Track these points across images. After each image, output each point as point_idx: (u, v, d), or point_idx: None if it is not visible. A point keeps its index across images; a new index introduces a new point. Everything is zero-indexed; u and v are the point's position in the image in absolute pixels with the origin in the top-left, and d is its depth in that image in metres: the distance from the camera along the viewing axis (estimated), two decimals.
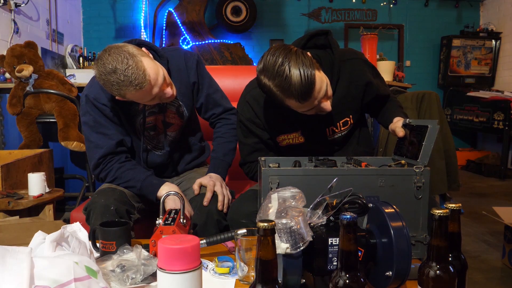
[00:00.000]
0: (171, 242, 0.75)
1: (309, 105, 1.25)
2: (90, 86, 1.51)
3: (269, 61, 1.22)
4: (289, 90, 1.19)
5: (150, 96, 1.33)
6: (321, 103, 1.27)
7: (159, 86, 1.32)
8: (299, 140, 1.47)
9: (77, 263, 0.78)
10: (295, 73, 1.17)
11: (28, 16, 3.83)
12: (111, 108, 1.48)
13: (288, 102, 1.24)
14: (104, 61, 1.25)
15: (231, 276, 1.04)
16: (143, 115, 1.51)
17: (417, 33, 5.78)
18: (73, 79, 3.66)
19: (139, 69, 1.26)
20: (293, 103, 1.24)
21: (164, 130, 1.56)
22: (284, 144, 1.48)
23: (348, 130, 1.49)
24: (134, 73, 1.25)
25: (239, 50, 5.02)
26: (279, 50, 1.22)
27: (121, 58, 1.24)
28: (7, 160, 2.30)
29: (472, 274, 2.11)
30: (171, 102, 1.54)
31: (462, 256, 0.84)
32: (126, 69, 1.24)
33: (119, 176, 1.46)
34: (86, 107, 1.49)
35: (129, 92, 1.28)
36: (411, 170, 1.13)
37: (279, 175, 1.12)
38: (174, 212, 1.20)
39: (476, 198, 3.78)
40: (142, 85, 1.27)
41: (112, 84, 1.27)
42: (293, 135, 1.47)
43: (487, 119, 4.80)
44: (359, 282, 0.70)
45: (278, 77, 1.19)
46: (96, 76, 1.30)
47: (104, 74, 1.26)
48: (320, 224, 0.88)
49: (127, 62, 1.24)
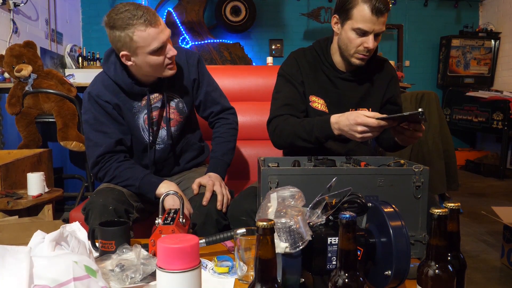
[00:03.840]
0: (170, 242, 0.75)
1: (373, 23, 1.38)
2: (93, 84, 1.53)
3: None
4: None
5: (158, 41, 1.36)
6: (374, 37, 1.41)
7: (167, 35, 1.38)
8: (325, 109, 1.54)
9: (76, 262, 0.78)
10: None
11: (27, 15, 3.83)
12: (114, 105, 1.50)
13: (361, 7, 1.37)
14: (117, 6, 1.36)
15: (230, 275, 1.04)
16: (148, 110, 1.52)
17: (416, 33, 5.79)
18: (72, 79, 3.66)
19: (150, 10, 1.36)
20: (365, 10, 1.37)
21: (166, 125, 1.57)
22: (314, 106, 1.55)
23: None
24: (146, 11, 1.34)
25: (239, 50, 5.02)
26: None
27: (133, 5, 1.35)
28: (6, 160, 2.30)
29: (471, 274, 2.11)
30: (171, 97, 1.56)
31: (461, 255, 0.84)
32: (139, 7, 1.34)
33: (118, 175, 1.46)
34: (88, 105, 1.50)
35: (138, 30, 1.32)
36: (410, 170, 1.13)
37: (279, 175, 1.12)
38: (174, 212, 1.20)
39: (475, 198, 3.78)
40: (152, 21, 1.33)
41: (122, 20, 1.32)
42: (322, 102, 1.54)
43: (486, 119, 4.80)
44: (358, 282, 0.70)
45: None
46: (105, 22, 1.36)
47: (115, 14, 1.33)
48: (319, 223, 0.88)
49: (139, 5, 1.36)
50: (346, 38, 1.45)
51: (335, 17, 1.49)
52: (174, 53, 1.42)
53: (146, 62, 1.39)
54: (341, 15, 1.45)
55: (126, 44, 1.35)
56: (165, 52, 1.40)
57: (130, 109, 1.52)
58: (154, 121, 1.55)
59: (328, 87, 1.54)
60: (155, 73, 1.45)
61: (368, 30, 1.40)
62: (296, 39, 5.58)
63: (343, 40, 1.46)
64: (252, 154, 2.19)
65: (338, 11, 1.47)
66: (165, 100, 1.53)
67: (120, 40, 1.35)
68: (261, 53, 5.55)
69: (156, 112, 1.55)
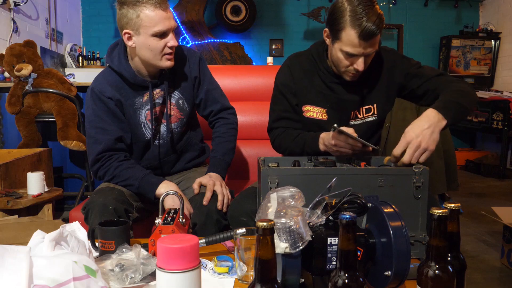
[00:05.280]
0: (170, 242, 0.75)
1: (363, 47, 1.31)
2: (96, 80, 1.55)
3: None
4: (361, 19, 1.26)
5: (163, 25, 1.38)
6: (364, 58, 1.34)
7: (172, 24, 1.41)
8: (323, 116, 1.52)
9: (76, 262, 0.78)
10: (377, 9, 1.29)
11: (28, 15, 3.83)
12: (116, 101, 1.51)
13: (349, 31, 1.29)
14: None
15: (230, 275, 1.04)
16: (150, 106, 1.53)
17: (416, 33, 5.78)
18: (72, 78, 3.66)
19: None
20: (352, 35, 1.29)
21: (166, 121, 1.58)
22: (308, 116, 1.52)
23: (370, 121, 1.52)
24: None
25: (239, 50, 5.02)
26: None
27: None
28: (6, 159, 2.30)
29: (471, 274, 2.11)
30: (172, 94, 1.57)
31: (461, 256, 0.84)
32: None
33: (118, 175, 1.46)
34: (90, 101, 1.52)
35: (147, 9, 1.35)
36: (410, 170, 1.13)
37: (279, 175, 1.12)
38: (173, 212, 1.20)
39: (475, 198, 3.78)
40: (162, 5, 1.37)
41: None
42: (318, 110, 1.52)
43: (486, 119, 4.80)
44: (358, 282, 0.70)
45: (361, 4, 1.28)
46: (116, 4, 1.41)
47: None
48: (319, 223, 0.88)
49: None
50: (336, 57, 1.39)
51: (326, 31, 1.42)
52: (175, 43, 1.43)
53: (146, 44, 1.41)
54: (331, 32, 1.37)
55: (131, 21, 1.38)
56: (167, 40, 1.42)
57: (131, 105, 1.53)
58: (155, 117, 1.56)
59: (326, 93, 1.50)
60: (153, 59, 1.45)
61: (358, 54, 1.33)
62: (296, 39, 5.58)
63: (334, 57, 1.41)
64: (252, 154, 2.19)
65: (328, 26, 1.39)
66: (166, 96, 1.54)
67: (126, 16, 1.38)
68: (261, 52, 5.54)
69: (157, 108, 1.56)
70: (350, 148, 1.30)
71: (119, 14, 1.41)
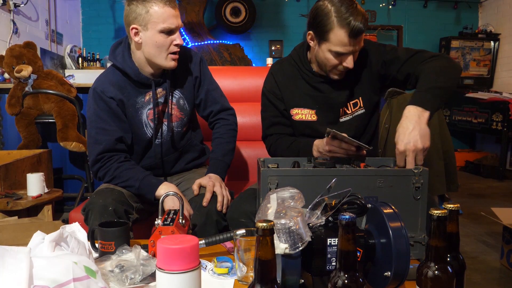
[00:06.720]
0: (170, 242, 0.75)
1: (352, 45, 1.33)
2: (98, 80, 1.56)
3: None
4: (348, 19, 1.29)
5: (171, 22, 1.41)
6: (353, 55, 1.36)
7: (180, 23, 1.44)
8: (312, 117, 1.53)
9: (76, 263, 0.78)
10: (361, 8, 1.31)
11: (27, 16, 3.83)
12: (118, 101, 1.52)
13: (338, 31, 1.31)
14: None
15: (230, 276, 1.04)
16: (153, 105, 1.53)
17: (416, 34, 5.79)
18: (72, 80, 3.66)
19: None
20: (342, 35, 1.31)
21: (167, 121, 1.58)
22: (297, 118, 1.54)
23: (359, 115, 1.53)
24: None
25: (238, 51, 5.02)
26: None
27: None
28: (6, 160, 2.30)
29: (470, 275, 2.11)
30: (173, 93, 1.57)
31: (460, 256, 0.84)
32: None
33: (118, 176, 1.46)
34: (92, 101, 1.52)
35: (157, 5, 1.38)
36: (410, 171, 1.13)
37: (278, 176, 1.12)
38: (173, 213, 1.20)
39: (475, 199, 3.78)
40: (172, 3, 1.40)
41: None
42: (307, 111, 1.53)
43: (486, 120, 4.80)
44: (357, 282, 0.70)
45: (344, 4, 1.30)
46: (125, 1, 1.43)
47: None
48: (319, 224, 0.88)
49: None
50: (323, 58, 1.40)
51: (310, 33, 1.43)
52: (181, 42, 1.45)
53: (153, 40, 1.42)
54: (317, 34, 1.39)
55: (140, 17, 1.39)
56: (174, 37, 1.43)
57: (133, 104, 1.54)
58: (157, 116, 1.56)
59: (312, 94, 1.53)
60: (158, 56, 1.45)
61: (347, 53, 1.36)
62: (295, 40, 5.58)
63: (320, 58, 1.42)
64: (251, 155, 2.20)
65: (313, 29, 1.40)
66: (168, 95, 1.54)
67: (135, 12, 1.40)
68: (261, 54, 5.55)
69: (160, 107, 1.57)
70: (344, 153, 1.31)
71: (127, 10, 1.42)
